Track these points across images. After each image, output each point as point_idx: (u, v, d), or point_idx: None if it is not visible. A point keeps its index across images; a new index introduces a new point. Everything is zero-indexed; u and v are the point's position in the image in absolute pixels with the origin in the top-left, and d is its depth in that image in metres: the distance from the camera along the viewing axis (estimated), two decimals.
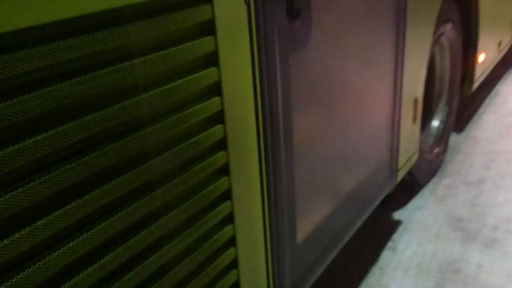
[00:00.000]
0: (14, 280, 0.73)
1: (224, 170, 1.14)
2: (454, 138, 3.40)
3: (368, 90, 1.84)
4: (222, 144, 1.11)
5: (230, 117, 1.11)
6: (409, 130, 2.30)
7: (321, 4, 1.43)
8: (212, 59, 1.04)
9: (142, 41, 0.88)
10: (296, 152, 1.39)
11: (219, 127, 1.09)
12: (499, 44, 3.79)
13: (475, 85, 3.28)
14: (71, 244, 0.82)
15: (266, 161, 1.26)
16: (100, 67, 0.82)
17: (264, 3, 1.14)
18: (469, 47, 3.09)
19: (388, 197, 2.26)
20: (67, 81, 0.76)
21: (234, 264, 1.23)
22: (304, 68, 1.39)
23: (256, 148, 1.22)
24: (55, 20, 0.73)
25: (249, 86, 1.15)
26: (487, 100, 4.04)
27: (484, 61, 3.36)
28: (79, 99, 0.79)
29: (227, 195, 1.17)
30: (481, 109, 3.88)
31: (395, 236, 2.45)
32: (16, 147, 0.71)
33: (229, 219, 1.19)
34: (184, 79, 0.98)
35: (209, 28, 1.02)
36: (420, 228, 2.49)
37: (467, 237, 2.37)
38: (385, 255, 2.32)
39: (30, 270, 0.76)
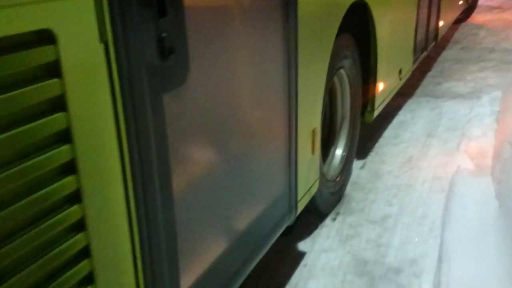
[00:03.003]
0: None
1: (80, 226, 1.07)
2: (357, 172, 3.49)
3: (261, 124, 1.86)
4: (75, 198, 1.05)
5: (84, 166, 1.05)
6: (308, 161, 2.37)
7: (201, 38, 1.38)
8: (58, 104, 0.99)
9: None
10: (177, 195, 1.34)
11: (70, 178, 1.03)
12: (400, 72, 4.03)
13: (376, 113, 3.47)
14: None
15: (138, 210, 1.20)
16: None
17: (127, 40, 1.08)
18: (368, 77, 3.28)
19: (290, 229, 2.26)
20: None
21: None
22: (184, 107, 1.36)
23: (122, 198, 1.16)
24: None
25: (110, 132, 1.10)
26: (388, 131, 4.23)
27: (384, 90, 3.56)
28: None
29: (84, 253, 1.09)
30: (382, 140, 4.05)
31: (301, 284, 2.41)
32: None
33: (89, 279, 1.10)
34: (25, 127, 0.94)
35: (53, 70, 0.97)
36: (326, 274, 2.48)
37: (372, 283, 2.39)
38: None
39: None
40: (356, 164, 3.55)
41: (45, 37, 0.94)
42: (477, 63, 6.34)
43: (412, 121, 4.45)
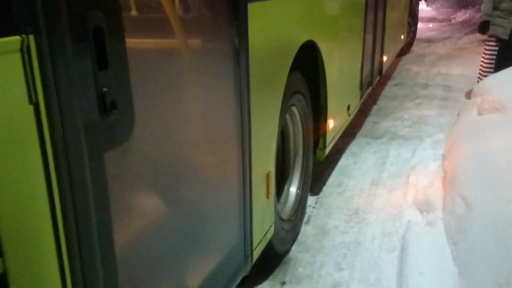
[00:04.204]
0: None
1: None
2: (303, 228, 3.25)
3: (213, 172, 1.80)
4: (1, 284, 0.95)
5: (11, 251, 0.94)
6: (263, 206, 2.33)
7: (147, 89, 1.30)
8: None
9: None
10: (121, 255, 1.24)
11: None
12: (348, 108, 4.12)
13: (327, 150, 3.53)
14: None
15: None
16: None
17: (61, 99, 0.99)
18: (319, 114, 3.36)
19: (245, 279, 2.19)
20: None
21: None
22: (129, 164, 1.29)
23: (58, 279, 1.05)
24: None
25: (41, 207, 0.98)
26: (332, 178, 4.04)
27: (334, 127, 3.65)
28: None
29: None
30: (326, 189, 3.84)
31: None
32: None
33: None
34: None
35: None
36: None
37: None
38: None
39: None
40: (302, 219, 3.30)
41: None
42: (412, 100, 6.38)
43: (354, 166, 4.29)
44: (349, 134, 4.91)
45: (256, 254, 2.24)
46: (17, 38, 0.90)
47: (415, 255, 2.73)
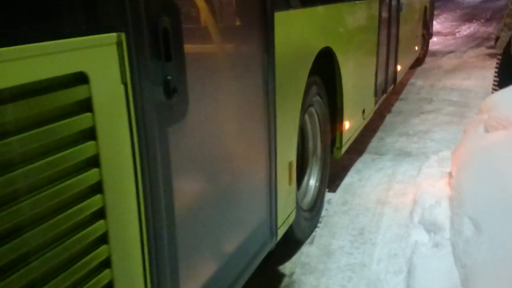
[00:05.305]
0: None
1: (103, 240, 1.25)
2: (306, 249, 3.19)
3: (245, 157, 2.13)
4: (100, 214, 1.23)
5: (108, 187, 1.25)
6: (286, 191, 2.65)
7: (197, 82, 1.65)
8: (89, 134, 1.18)
9: (19, 120, 1.01)
10: (177, 217, 1.56)
11: (97, 197, 1.22)
12: (363, 112, 4.39)
13: (343, 149, 3.84)
14: None
15: (147, 229, 1.40)
16: None
17: (141, 82, 1.31)
18: (336, 116, 3.68)
19: (270, 254, 2.48)
20: None
21: None
22: (183, 139, 1.61)
23: (136, 215, 1.37)
24: None
25: (128, 158, 1.32)
26: (336, 196, 3.98)
27: (350, 128, 3.94)
28: None
29: (106, 264, 1.27)
30: (331, 208, 3.78)
31: None
32: None
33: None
34: (61, 153, 1.11)
35: (86, 105, 1.16)
36: None
37: None
38: None
39: None
40: (306, 239, 3.25)
41: (80, 78, 1.14)
42: (417, 115, 6.33)
43: (359, 183, 4.23)
44: (353, 150, 4.85)
45: (280, 233, 2.56)
46: (114, 34, 1.23)
47: (422, 278, 2.66)
